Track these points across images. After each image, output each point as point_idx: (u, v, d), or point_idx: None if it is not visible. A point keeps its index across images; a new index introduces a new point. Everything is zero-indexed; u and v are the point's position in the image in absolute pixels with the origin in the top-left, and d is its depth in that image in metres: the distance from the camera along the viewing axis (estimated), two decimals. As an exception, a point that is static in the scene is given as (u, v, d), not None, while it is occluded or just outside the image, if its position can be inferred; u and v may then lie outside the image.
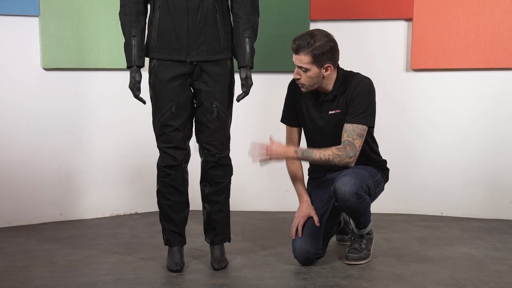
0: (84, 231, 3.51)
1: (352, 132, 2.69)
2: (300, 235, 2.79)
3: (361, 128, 2.69)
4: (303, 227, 2.80)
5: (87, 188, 3.82)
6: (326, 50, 2.64)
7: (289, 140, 2.96)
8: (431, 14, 3.74)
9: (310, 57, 2.64)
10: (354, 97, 2.72)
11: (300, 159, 2.74)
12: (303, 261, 2.81)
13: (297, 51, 2.66)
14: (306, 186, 2.96)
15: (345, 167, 2.72)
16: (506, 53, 3.68)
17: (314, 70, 2.66)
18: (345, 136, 2.69)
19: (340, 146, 2.68)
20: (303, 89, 2.75)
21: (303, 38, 2.65)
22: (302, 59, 2.65)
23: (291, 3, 3.81)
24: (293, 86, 2.90)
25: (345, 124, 2.71)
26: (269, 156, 2.70)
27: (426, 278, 2.66)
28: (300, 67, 2.67)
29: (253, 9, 2.68)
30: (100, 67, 3.74)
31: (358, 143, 2.69)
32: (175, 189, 2.75)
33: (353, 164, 2.70)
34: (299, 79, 2.70)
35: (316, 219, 2.79)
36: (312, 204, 2.87)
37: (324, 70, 2.68)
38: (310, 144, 2.95)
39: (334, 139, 2.83)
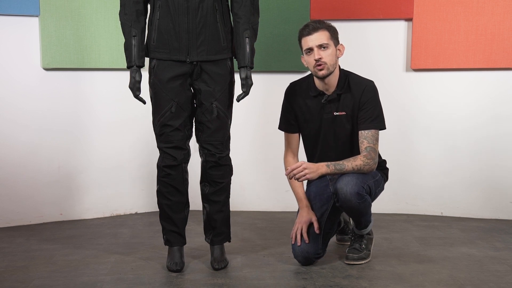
0: (84, 231, 3.51)
1: (372, 138, 2.75)
2: (306, 241, 2.77)
3: (378, 133, 2.78)
4: (307, 233, 2.79)
5: (87, 188, 3.82)
6: (335, 30, 2.77)
7: (288, 147, 2.96)
8: (431, 14, 3.74)
9: (328, 33, 2.72)
10: (365, 102, 2.77)
11: (333, 173, 2.72)
12: (302, 261, 2.81)
13: (314, 30, 2.71)
14: (305, 189, 2.96)
15: (369, 172, 2.74)
16: (506, 53, 3.68)
17: (332, 48, 2.73)
18: (365, 143, 2.74)
19: (366, 153, 2.72)
20: (323, 72, 2.72)
21: (313, 22, 2.76)
22: (321, 36, 2.71)
23: (291, 3, 3.81)
24: (291, 91, 2.91)
25: (363, 131, 2.76)
26: (306, 172, 2.64)
27: (426, 278, 2.66)
28: (320, 46, 2.70)
29: (253, 9, 2.68)
30: (100, 67, 3.74)
31: (377, 147, 2.77)
32: (175, 189, 2.75)
33: (375, 169, 2.77)
34: (320, 58, 2.70)
35: (316, 225, 2.78)
36: (311, 204, 2.87)
37: (338, 51, 2.76)
38: (309, 149, 2.95)
39: (336, 141, 2.84)
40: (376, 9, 3.79)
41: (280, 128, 2.97)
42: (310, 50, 2.72)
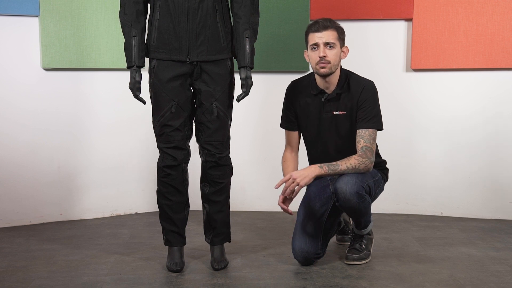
0: (84, 231, 3.51)
1: (368, 138, 2.74)
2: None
3: (375, 133, 2.77)
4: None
5: (87, 188, 3.82)
6: (343, 31, 2.78)
7: (288, 144, 2.96)
8: (431, 14, 3.74)
9: (336, 33, 2.73)
10: (363, 101, 2.77)
11: (328, 174, 2.70)
12: (302, 261, 2.81)
13: (324, 28, 2.71)
14: (305, 188, 2.96)
15: (366, 171, 2.73)
16: (506, 53, 3.68)
17: (337, 49, 2.73)
18: (362, 142, 2.74)
19: (361, 153, 2.72)
20: (325, 70, 2.72)
21: (323, 19, 2.75)
22: (330, 34, 2.71)
23: (291, 3, 3.81)
24: (292, 89, 2.91)
25: (360, 130, 2.76)
26: (297, 181, 2.64)
27: (426, 278, 2.66)
28: (326, 44, 2.71)
29: (253, 9, 2.68)
30: (100, 67, 3.74)
31: (374, 147, 2.77)
32: (175, 189, 2.75)
33: (372, 168, 2.75)
34: (325, 56, 2.70)
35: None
36: (311, 204, 2.86)
37: (342, 53, 2.77)
38: (309, 148, 2.95)
39: (335, 140, 2.84)
40: (376, 9, 3.79)
41: (281, 126, 2.97)
42: (316, 46, 2.72)
